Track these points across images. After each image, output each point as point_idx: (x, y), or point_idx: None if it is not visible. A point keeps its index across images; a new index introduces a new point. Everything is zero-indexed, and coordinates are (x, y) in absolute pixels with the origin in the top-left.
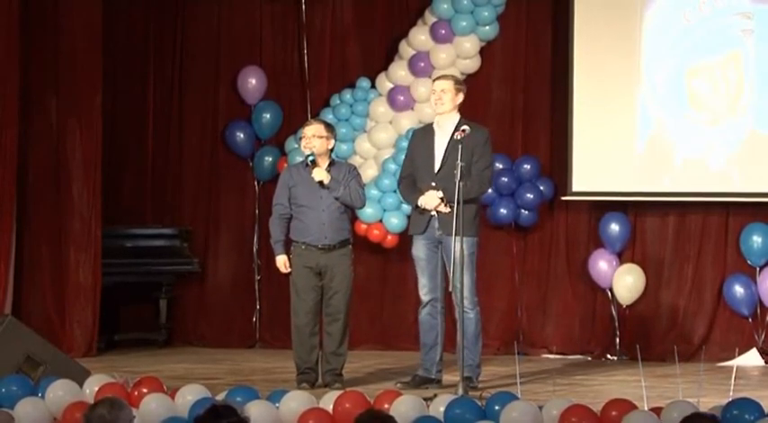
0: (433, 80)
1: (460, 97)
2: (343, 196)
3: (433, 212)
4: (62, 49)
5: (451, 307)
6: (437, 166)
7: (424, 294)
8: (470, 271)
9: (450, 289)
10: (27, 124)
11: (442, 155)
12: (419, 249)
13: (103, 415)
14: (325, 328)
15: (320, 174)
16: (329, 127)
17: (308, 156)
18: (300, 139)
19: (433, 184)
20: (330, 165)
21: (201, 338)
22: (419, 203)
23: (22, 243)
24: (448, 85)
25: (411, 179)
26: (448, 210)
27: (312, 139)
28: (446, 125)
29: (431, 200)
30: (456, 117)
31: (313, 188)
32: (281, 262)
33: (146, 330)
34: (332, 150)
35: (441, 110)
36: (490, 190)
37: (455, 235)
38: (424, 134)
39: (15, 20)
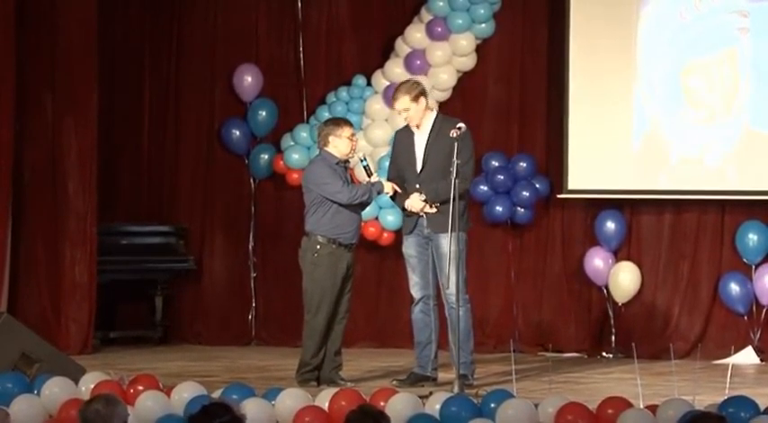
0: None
1: (423, 101)
2: None
3: (421, 213)
4: (58, 47)
5: (444, 304)
6: (419, 166)
7: (415, 292)
8: (460, 268)
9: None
10: (23, 122)
11: (422, 155)
12: (410, 247)
13: (99, 410)
14: (333, 326)
15: (418, 203)
16: None
17: (363, 160)
18: (345, 138)
19: (417, 185)
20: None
21: (197, 336)
22: (405, 207)
23: (18, 240)
24: (405, 102)
25: (397, 182)
26: (434, 210)
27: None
28: (424, 125)
29: (415, 203)
30: (432, 115)
31: None
32: (390, 187)
33: (141, 328)
34: None
35: (413, 124)
36: (486, 187)
37: (450, 232)
38: (404, 136)
39: (11, 18)
